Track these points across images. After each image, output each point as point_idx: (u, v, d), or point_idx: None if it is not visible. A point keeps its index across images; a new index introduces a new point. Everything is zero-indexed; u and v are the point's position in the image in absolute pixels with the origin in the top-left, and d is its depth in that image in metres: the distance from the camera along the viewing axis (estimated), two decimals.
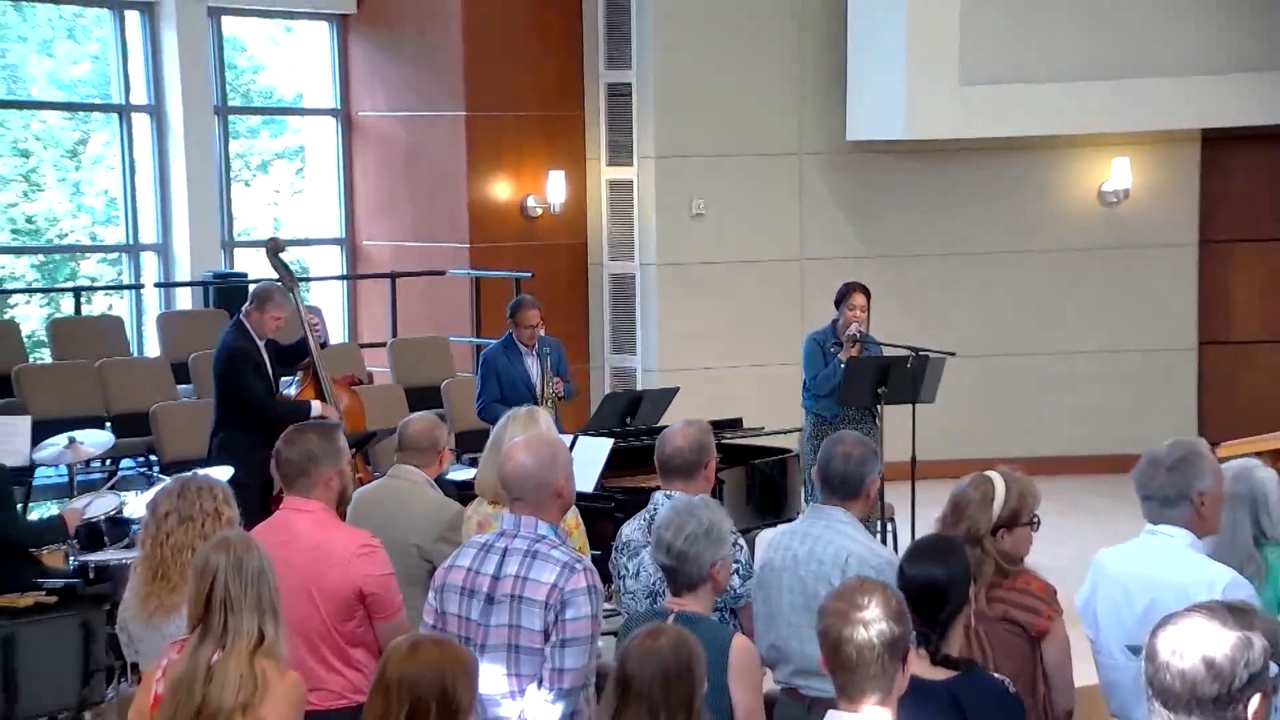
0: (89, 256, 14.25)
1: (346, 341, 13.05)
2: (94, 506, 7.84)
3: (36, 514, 8.98)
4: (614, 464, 7.95)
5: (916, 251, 13.29)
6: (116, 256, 13.39)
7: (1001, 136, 12.78)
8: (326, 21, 13.53)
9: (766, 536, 6.58)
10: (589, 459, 7.64)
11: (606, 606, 5.55)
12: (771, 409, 10.63)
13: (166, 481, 5.29)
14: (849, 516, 5.04)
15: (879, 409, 9.34)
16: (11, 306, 13.37)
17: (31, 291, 13.81)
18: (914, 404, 9.40)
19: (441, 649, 3.74)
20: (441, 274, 13.14)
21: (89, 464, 10.09)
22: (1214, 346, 13.69)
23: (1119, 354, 13.48)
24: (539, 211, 13.27)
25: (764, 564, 5.18)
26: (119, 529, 7.81)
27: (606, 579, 5.44)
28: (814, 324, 10.22)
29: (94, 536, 7.79)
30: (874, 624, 3.36)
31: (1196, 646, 2.73)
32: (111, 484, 8.49)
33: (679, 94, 12.93)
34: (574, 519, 5.96)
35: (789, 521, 6.94)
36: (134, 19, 12.62)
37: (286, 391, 9.07)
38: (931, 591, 4.13)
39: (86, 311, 12.56)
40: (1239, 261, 13.67)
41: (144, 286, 12.77)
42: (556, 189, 13.20)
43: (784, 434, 9.58)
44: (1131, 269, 13.48)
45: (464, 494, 6.61)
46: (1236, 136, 13.16)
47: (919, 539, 4.60)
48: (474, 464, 7.45)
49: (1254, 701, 2.73)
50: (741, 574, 5.26)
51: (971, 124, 12.55)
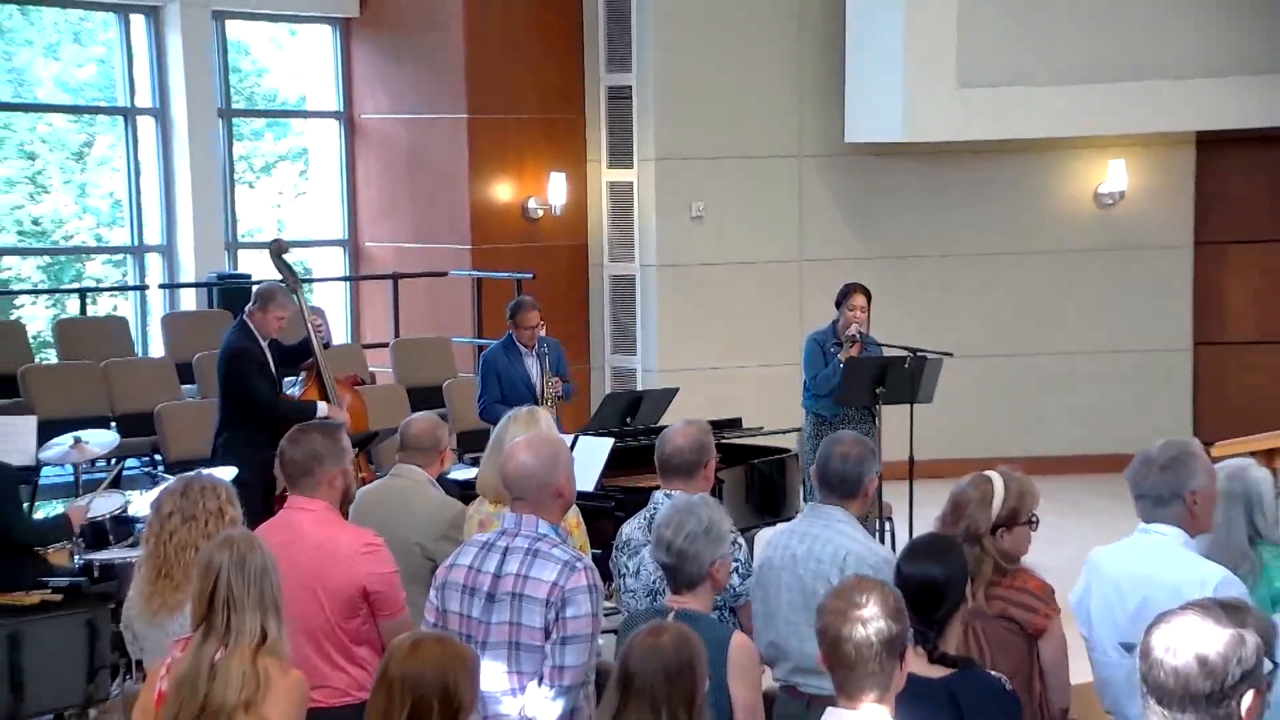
0: (94, 258, 14.22)
1: (349, 342, 13.01)
2: (98, 505, 7.83)
3: (42, 513, 8.91)
4: (614, 463, 7.95)
5: (915, 252, 13.27)
6: (121, 258, 13.36)
7: (999, 138, 12.75)
8: (329, 25, 13.49)
9: (765, 535, 6.61)
10: (589, 458, 7.63)
11: (607, 605, 5.56)
12: (770, 409, 10.63)
13: (170, 481, 5.24)
14: (847, 515, 5.05)
15: (877, 409, 9.34)
16: (18, 307, 13.36)
17: (37, 292, 13.76)
18: (912, 404, 9.42)
19: (443, 647, 3.74)
20: (443, 275, 13.11)
21: (94, 463, 10.03)
22: (1209, 347, 13.65)
23: (1115, 354, 13.44)
24: (540, 213, 13.25)
25: (763, 562, 5.18)
26: (124, 528, 7.80)
27: (607, 577, 5.44)
28: (813, 325, 10.21)
29: (99, 535, 7.78)
30: (872, 622, 3.37)
31: (1190, 644, 2.76)
32: (108, 483, 8.40)
33: (679, 97, 12.91)
34: (574, 518, 5.94)
35: (788, 520, 6.88)
36: (139, 23, 12.59)
37: (290, 392, 9.05)
38: (929, 590, 4.14)
39: (92, 312, 12.48)
40: (1234, 263, 13.63)
41: (149, 287, 12.75)
42: (557, 191, 13.18)
43: (783, 434, 9.58)
44: (1127, 270, 13.44)
45: (465, 493, 6.59)
46: (1231, 138, 13.14)
47: (916, 538, 4.61)
48: (475, 463, 7.43)
49: (1247, 698, 2.76)
50: (741, 572, 5.26)
51: (969, 126, 12.53)
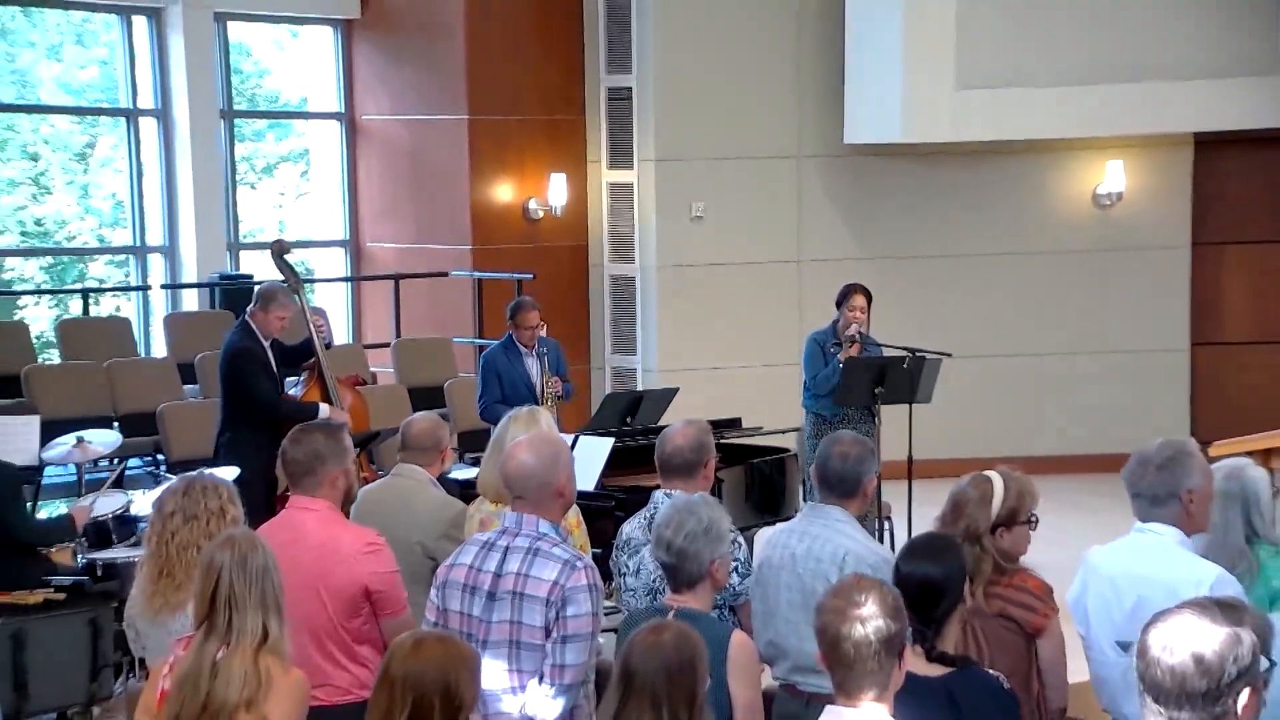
0: (97, 258, 14.19)
1: (350, 342, 13.02)
2: (101, 505, 7.83)
3: (45, 512, 8.94)
4: (614, 463, 7.96)
5: (913, 253, 13.27)
6: (124, 258, 13.35)
7: (997, 139, 12.76)
8: (331, 26, 13.50)
9: (765, 534, 6.59)
10: (590, 458, 7.64)
11: (607, 604, 5.58)
12: (770, 409, 10.66)
13: (173, 480, 5.24)
14: (846, 515, 5.05)
15: (877, 409, 9.36)
16: (21, 308, 13.33)
17: (40, 293, 13.74)
18: (910, 404, 9.45)
19: (445, 646, 3.76)
20: (444, 275, 13.11)
21: (97, 463, 10.00)
22: (1206, 347, 13.66)
23: (1113, 354, 13.45)
24: (540, 214, 13.26)
25: (762, 562, 5.18)
26: (126, 527, 7.81)
27: (607, 577, 5.45)
28: (812, 325, 10.23)
29: (102, 534, 7.79)
30: (871, 621, 3.38)
31: (1186, 643, 2.79)
32: (111, 482, 8.39)
33: (679, 98, 12.91)
34: (575, 517, 5.94)
35: (787, 520, 6.84)
36: (141, 24, 12.60)
37: (292, 392, 9.06)
38: (927, 589, 4.16)
39: (94, 313, 12.45)
40: (1231, 263, 13.64)
41: (151, 288, 12.76)
42: (558, 192, 13.19)
43: (782, 433, 9.61)
44: (1125, 270, 13.44)
45: (466, 493, 6.59)
46: (1228, 140, 13.15)
47: (915, 537, 4.63)
48: (476, 463, 7.47)
49: (1244, 696, 2.79)
50: (740, 571, 5.26)
51: (967, 127, 12.53)
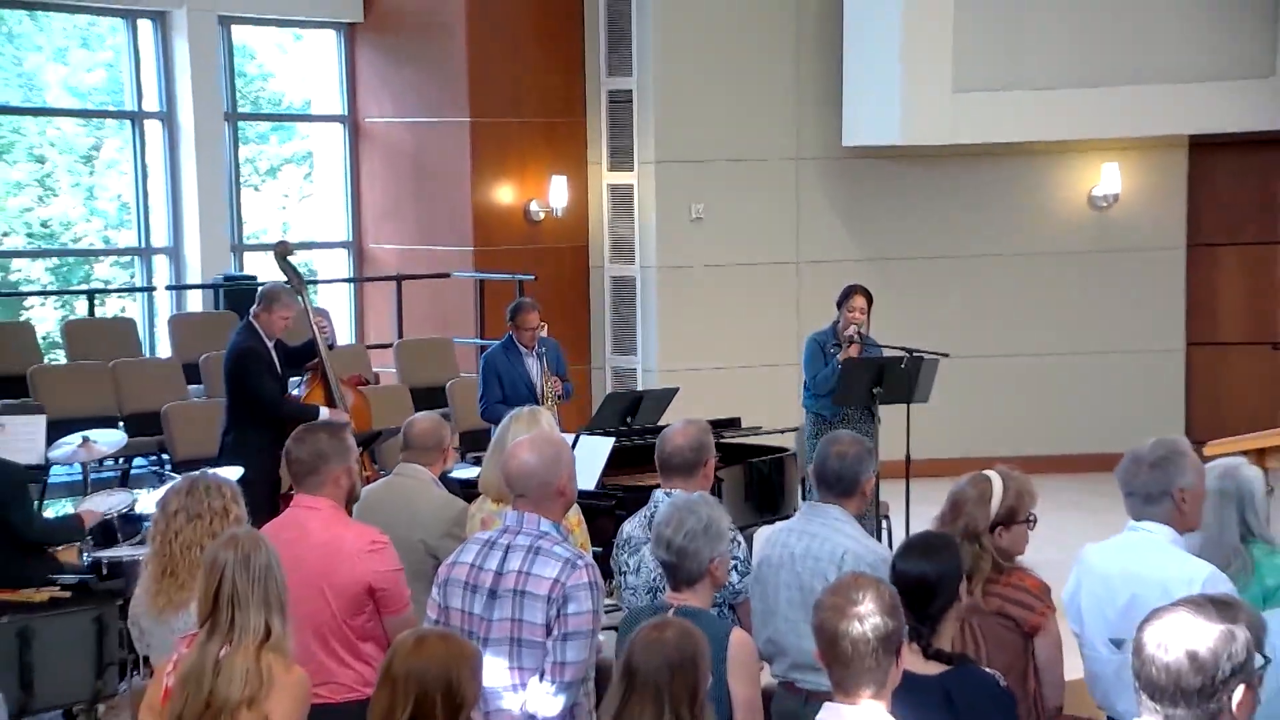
0: (102, 260, 14.20)
1: (353, 343, 13.07)
2: (105, 503, 7.87)
3: (51, 511, 9.02)
4: (615, 462, 7.98)
5: (911, 254, 13.29)
6: (129, 260, 13.38)
7: (994, 142, 12.79)
8: (334, 30, 13.55)
9: (764, 533, 6.58)
10: (591, 457, 7.65)
11: (607, 602, 5.59)
12: (768, 409, 10.75)
13: (176, 480, 5.26)
14: (845, 514, 5.07)
15: (875, 409, 9.41)
16: (27, 309, 13.33)
17: (46, 294, 13.73)
18: (908, 404, 9.50)
19: (447, 644, 3.79)
20: (446, 276, 13.15)
21: (102, 462, 10.08)
22: (1201, 347, 13.68)
23: (1108, 355, 13.46)
24: (542, 215, 13.29)
25: (761, 560, 5.19)
26: (131, 526, 7.83)
27: (607, 575, 5.49)
28: (810, 326, 10.30)
29: (107, 533, 7.82)
30: (868, 618, 3.41)
31: (1181, 640, 2.82)
32: (113, 484, 8.54)
33: (679, 101, 12.93)
34: (576, 516, 5.94)
35: (786, 519, 6.76)
36: (146, 28, 12.65)
37: (294, 392, 9.10)
38: (922, 586, 4.20)
39: (100, 313, 12.50)
40: (1225, 265, 13.66)
41: (156, 289, 12.80)
42: (559, 193, 13.22)
43: (780, 433, 9.67)
44: (1121, 272, 13.46)
45: (468, 492, 6.60)
46: (1223, 143, 13.18)
47: (912, 535, 4.68)
48: (478, 463, 7.49)
49: (1238, 693, 2.82)
50: (740, 570, 5.27)
51: (964, 130, 12.56)
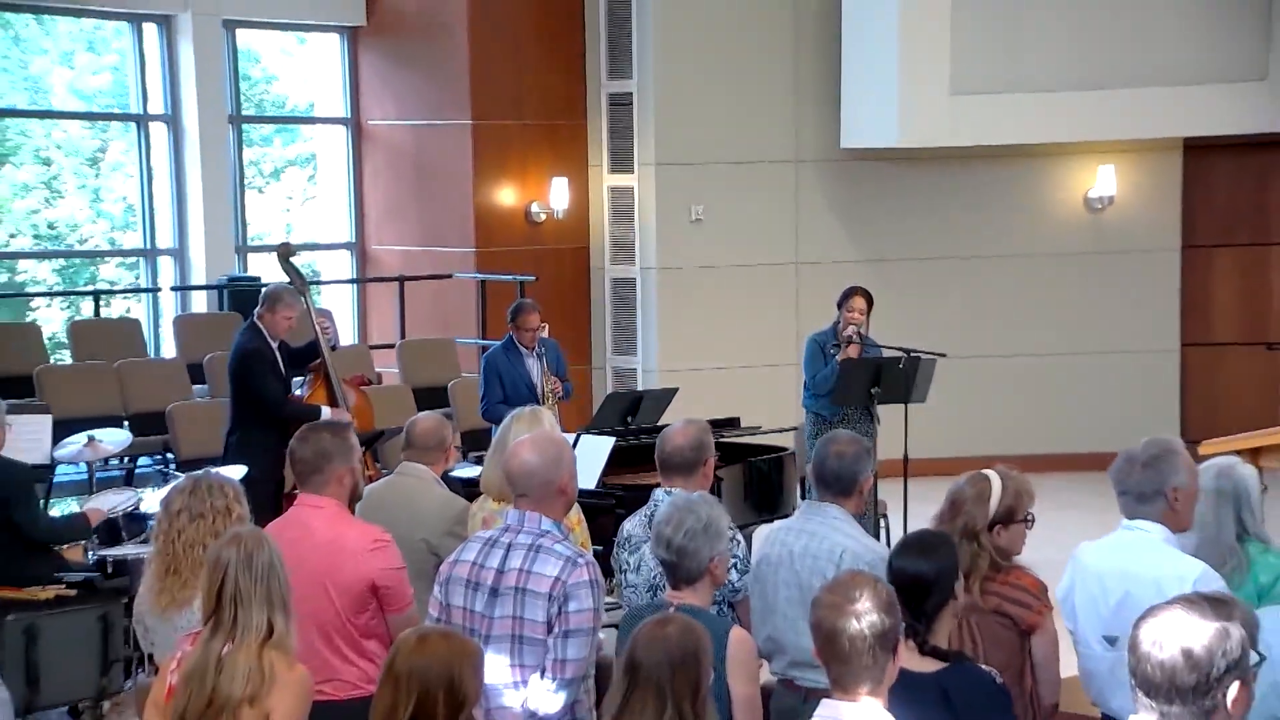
0: (108, 261, 14.19)
1: (356, 343, 13.11)
2: (110, 502, 7.90)
3: (57, 510, 9.00)
4: (615, 462, 8.02)
5: (908, 256, 13.34)
6: (134, 261, 13.40)
7: (991, 144, 12.83)
8: (337, 33, 13.61)
9: (763, 532, 6.58)
10: (591, 457, 7.68)
11: (608, 600, 5.58)
12: (767, 408, 10.81)
13: (180, 479, 5.28)
14: (843, 513, 5.07)
15: (874, 408, 9.48)
16: (33, 309, 13.37)
17: (52, 295, 13.72)
18: (906, 404, 9.57)
19: (449, 641, 3.81)
20: (448, 277, 13.18)
21: (107, 462, 10.13)
22: (1196, 348, 13.73)
23: (1104, 355, 13.50)
24: (543, 217, 13.34)
25: (761, 559, 5.19)
26: (136, 524, 7.85)
27: (608, 573, 5.53)
28: (809, 327, 10.37)
29: (112, 531, 7.84)
30: (866, 616, 3.42)
31: (1176, 638, 2.84)
32: (118, 483, 8.59)
33: (678, 103, 12.98)
34: (576, 515, 5.96)
35: (785, 517, 6.76)
36: (151, 31, 12.70)
37: (297, 392, 9.12)
38: (919, 584, 4.21)
39: (105, 314, 12.47)
40: (1220, 266, 13.71)
41: (161, 290, 12.84)
42: (560, 195, 13.27)
43: (779, 433, 9.74)
44: (1116, 273, 13.51)
45: (469, 491, 6.61)
46: (1218, 145, 13.22)
47: (908, 533, 4.73)
48: (479, 462, 7.55)
49: (1233, 689, 2.84)
50: (739, 568, 5.29)
51: (962, 132, 12.62)
